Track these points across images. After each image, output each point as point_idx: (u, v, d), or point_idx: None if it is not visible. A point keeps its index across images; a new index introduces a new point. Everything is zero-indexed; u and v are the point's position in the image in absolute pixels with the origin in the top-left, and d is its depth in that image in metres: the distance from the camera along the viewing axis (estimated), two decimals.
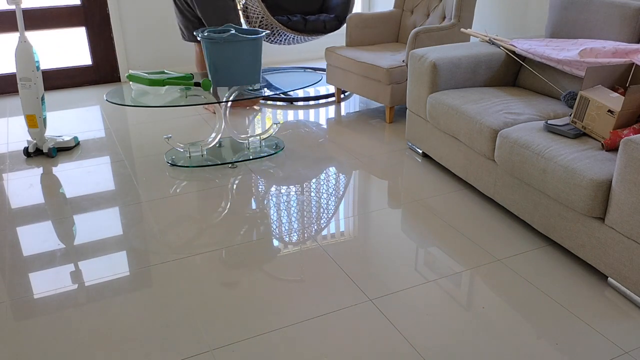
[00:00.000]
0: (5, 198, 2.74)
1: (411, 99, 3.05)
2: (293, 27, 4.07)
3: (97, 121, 3.81)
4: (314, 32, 4.17)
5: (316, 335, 1.78)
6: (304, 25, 4.09)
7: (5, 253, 2.28)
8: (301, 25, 4.08)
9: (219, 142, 3.33)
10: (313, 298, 1.96)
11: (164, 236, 2.38)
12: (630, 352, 1.70)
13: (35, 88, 3.08)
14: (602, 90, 2.24)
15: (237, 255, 2.23)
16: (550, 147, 2.14)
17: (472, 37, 3.79)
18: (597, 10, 2.66)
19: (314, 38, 4.29)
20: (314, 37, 4.26)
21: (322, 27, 4.17)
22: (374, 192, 2.74)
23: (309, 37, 4.23)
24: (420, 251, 2.24)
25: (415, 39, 3.44)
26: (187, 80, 2.88)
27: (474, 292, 1.98)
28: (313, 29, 4.15)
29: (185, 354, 1.72)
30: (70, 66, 4.59)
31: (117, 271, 2.14)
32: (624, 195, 1.83)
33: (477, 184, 2.61)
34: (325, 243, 2.31)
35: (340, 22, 4.29)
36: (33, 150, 3.20)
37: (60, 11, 4.44)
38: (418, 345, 1.73)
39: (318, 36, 4.26)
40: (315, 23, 4.15)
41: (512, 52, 2.95)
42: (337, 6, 4.36)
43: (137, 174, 2.97)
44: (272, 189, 2.79)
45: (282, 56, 5.38)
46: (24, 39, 3.02)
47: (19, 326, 1.85)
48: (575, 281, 2.03)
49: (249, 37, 2.85)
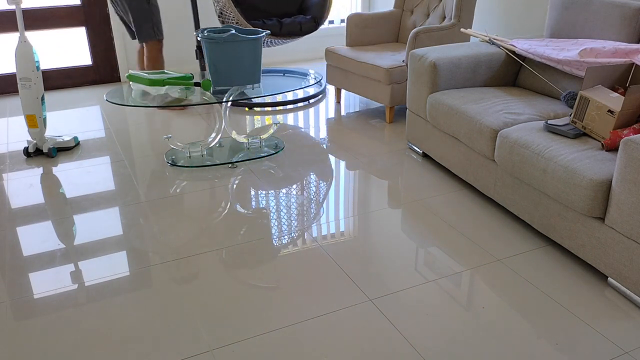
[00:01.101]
0: (5, 198, 2.74)
1: (411, 99, 3.05)
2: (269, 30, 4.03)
3: (97, 121, 3.81)
4: (289, 35, 4.09)
5: (316, 335, 1.78)
6: (279, 28, 4.01)
7: (5, 253, 2.28)
8: (276, 29, 4.00)
9: (219, 142, 3.33)
10: (313, 298, 1.96)
11: (164, 236, 2.38)
12: (630, 352, 1.70)
13: (35, 88, 3.08)
14: (602, 90, 2.24)
15: (237, 255, 2.23)
16: (550, 147, 2.14)
17: (472, 37, 3.79)
18: (597, 10, 2.66)
19: (292, 40, 4.22)
20: (292, 39, 4.19)
21: (297, 29, 4.09)
22: (374, 192, 2.74)
23: (286, 40, 4.17)
24: (420, 251, 2.24)
25: (415, 39, 3.45)
26: (187, 80, 2.88)
27: (474, 292, 1.99)
28: (288, 32, 4.07)
29: (185, 354, 1.72)
30: (70, 66, 4.59)
31: (117, 271, 2.14)
32: (624, 195, 1.83)
33: (477, 184, 2.61)
34: (325, 243, 2.31)
35: (317, 24, 4.20)
36: (33, 150, 3.20)
37: (60, 11, 4.44)
38: (418, 345, 1.73)
39: (295, 38, 4.19)
40: (291, 25, 4.07)
41: (512, 52, 2.95)
42: (313, 7, 4.29)
43: (137, 174, 2.97)
44: (272, 189, 2.79)
45: (282, 56, 5.38)
46: (24, 39, 3.02)
47: (19, 326, 1.85)
48: (575, 281, 2.03)
49: (249, 37, 2.85)
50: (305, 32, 4.16)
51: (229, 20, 3.88)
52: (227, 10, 3.83)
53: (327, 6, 4.23)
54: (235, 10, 3.81)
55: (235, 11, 3.80)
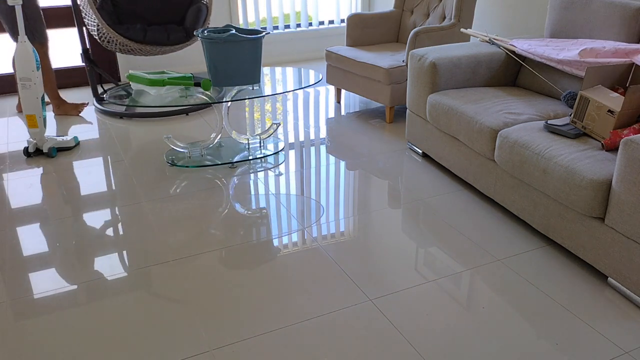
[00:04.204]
0: (5, 198, 2.74)
1: (411, 99, 3.05)
2: (132, 37, 3.70)
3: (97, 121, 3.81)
4: (154, 43, 3.76)
5: (316, 335, 1.78)
6: (143, 36, 3.70)
7: (5, 253, 2.28)
8: (140, 36, 3.69)
9: (219, 142, 3.33)
10: (313, 298, 1.96)
11: (164, 236, 2.38)
12: (630, 352, 1.70)
13: (35, 88, 3.08)
14: (602, 90, 2.24)
15: (237, 256, 2.23)
16: (550, 147, 2.14)
17: (472, 37, 3.79)
18: (597, 10, 2.66)
19: (161, 50, 3.86)
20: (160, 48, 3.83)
21: (164, 38, 3.76)
22: (374, 192, 2.74)
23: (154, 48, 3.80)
24: (420, 251, 2.24)
25: (415, 39, 3.45)
26: (187, 80, 2.88)
27: (474, 292, 1.99)
28: (153, 40, 3.74)
29: (185, 354, 1.72)
30: (70, 66, 4.59)
31: (117, 271, 2.14)
32: (624, 195, 1.83)
33: (477, 184, 2.61)
34: (325, 243, 2.31)
35: (188, 34, 3.89)
36: (33, 150, 3.20)
37: (60, 11, 4.44)
38: (418, 345, 1.73)
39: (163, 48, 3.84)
40: (157, 34, 3.74)
41: (512, 52, 2.95)
42: (187, 17, 3.96)
43: (137, 174, 2.97)
44: (272, 189, 2.79)
45: (282, 56, 5.38)
46: (24, 39, 3.02)
47: (19, 326, 1.85)
48: (575, 281, 2.03)
49: (249, 37, 2.85)
50: (173, 42, 3.83)
51: (91, 22, 3.69)
52: (87, 11, 3.67)
53: (201, 17, 3.92)
54: (96, 10, 3.56)
55: (96, 12, 3.56)
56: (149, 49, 3.81)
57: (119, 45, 3.74)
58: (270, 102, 4.22)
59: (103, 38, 3.73)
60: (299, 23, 5.40)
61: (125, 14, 3.90)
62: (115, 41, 3.70)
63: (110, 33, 3.65)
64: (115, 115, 3.88)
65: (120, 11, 3.88)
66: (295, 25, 5.36)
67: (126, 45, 3.72)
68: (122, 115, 3.87)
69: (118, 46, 3.76)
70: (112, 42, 3.72)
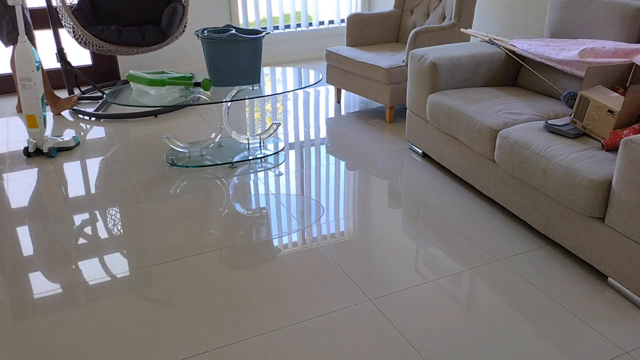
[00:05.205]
0: (5, 198, 2.74)
1: (411, 99, 3.05)
2: (106, 38, 3.71)
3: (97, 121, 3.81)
4: (128, 44, 3.76)
5: (316, 336, 1.78)
6: (119, 37, 3.70)
7: (5, 253, 2.28)
8: (115, 37, 3.70)
9: (219, 142, 3.33)
10: (313, 298, 1.96)
11: (164, 236, 2.38)
12: (630, 352, 1.70)
13: (35, 88, 3.08)
14: (602, 90, 2.24)
15: (237, 256, 2.23)
16: (550, 147, 2.14)
17: (472, 37, 3.79)
18: (597, 10, 2.66)
19: (136, 50, 3.84)
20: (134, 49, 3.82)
21: (139, 39, 3.74)
22: (374, 192, 2.74)
23: (128, 49, 3.80)
24: (420, 251, 2.24)
25: (415, 39, 3.45)
26: (187, 80, 2.88)
27: (474, 292, 1.99)
28: (127, 41, 3.74)
29: (185, 354, 1.72)
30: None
31: (117, 271, 2.14)
32: (624, 195, 1.83)
33: (477, 184, 2.61)
34: (326, 243, 2.31)
35: (165, 35, 3.86)
36: (33, 150, 3.20)
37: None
38: (418, 345, 1.73)
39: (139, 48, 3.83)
40: (131, 35, 3.73)
41: (512, 52, 2.95)
42: (163, 17, 3.93)
43: (137, 174, 2.97)
44: (272, 189, 2.79)
45: (282, 56, 5.38)
46: (24, 39, 3.02)
47: (19, 326, 1.85)
48: (575, 281, 2.03)
49: (249, 37, 2.85)
50: (148, 43, 3.81)
51: (67, 24, 3.69)
52: (63, 13, 3.66)
53: (176, 17, 3.91)
54: (70, 12, 3.54)
55: (70, 14, 3.55)
56: (125, 50, 3.82)
57: (96, 47, 3.77)
58: (270, 102, 4.22)
59: (79, 39, 3.76)
60: (299, 23, 5.39)
61: (104, 14, 3.90)
62: (90, 42, 3.73)
63: (85, 35, 3.67)
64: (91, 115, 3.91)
65: (99, 11, 3.88)
66: (295, 25, 5.36)
67: (102, 46, 3.74)
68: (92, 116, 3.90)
69: (95, 47, 3.78)
70: (89, 44, 3.76)
